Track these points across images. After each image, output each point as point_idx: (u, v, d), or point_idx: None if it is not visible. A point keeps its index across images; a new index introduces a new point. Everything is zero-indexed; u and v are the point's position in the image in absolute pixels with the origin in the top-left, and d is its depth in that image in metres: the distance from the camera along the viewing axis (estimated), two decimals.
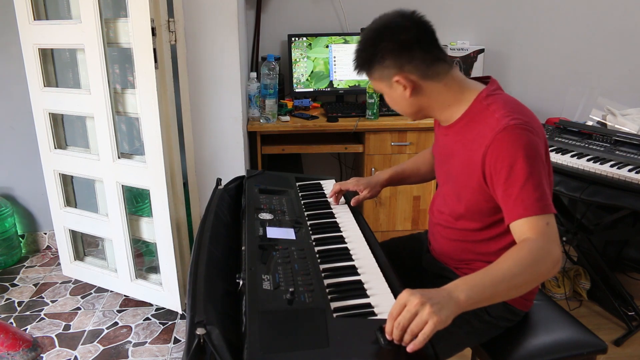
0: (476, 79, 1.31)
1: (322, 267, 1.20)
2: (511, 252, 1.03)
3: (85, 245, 2.71)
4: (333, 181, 1.74)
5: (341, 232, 1.41)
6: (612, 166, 2.00)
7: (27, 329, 2.25)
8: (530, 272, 1.00)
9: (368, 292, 1.12)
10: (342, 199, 1.64)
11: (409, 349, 0.89)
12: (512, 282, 0.99)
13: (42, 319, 2.33)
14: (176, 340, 2.18)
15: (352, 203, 1.60)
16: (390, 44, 1.19)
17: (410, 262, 1.55)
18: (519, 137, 1.11)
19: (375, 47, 1.21)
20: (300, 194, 1.64)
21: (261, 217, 1.39)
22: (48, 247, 2.99)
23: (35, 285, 2.61)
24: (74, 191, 2.56)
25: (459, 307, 0.93)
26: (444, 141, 1.33)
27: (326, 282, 1.14)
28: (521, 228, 1.08)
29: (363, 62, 1.25)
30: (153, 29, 1.96)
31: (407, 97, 1.24)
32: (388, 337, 0.92)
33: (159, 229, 2.22)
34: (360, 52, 1.25)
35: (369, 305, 1.07)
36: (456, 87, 1.24)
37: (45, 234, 2.97)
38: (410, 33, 1.19)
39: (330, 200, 1.62)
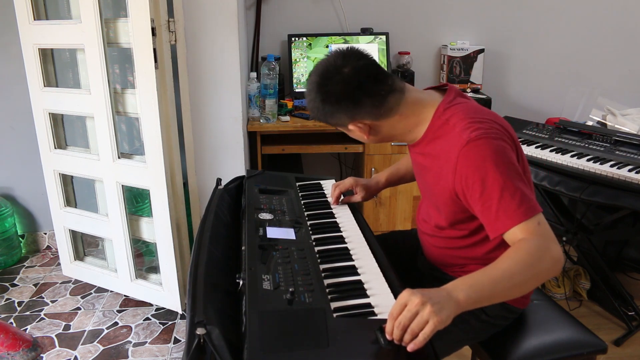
0: (434, 88, 1.30)
1: (322, 267, 1.20)
2: (509, 252, 1.03)
3: (85, 245, 2.71)
4: (333, 181, 1.73)
5: (341, 232, 1.41)
6: (612, 166, 2.00)
7: (27, 329, 2.25)
8: (529, 270, 1.00)
9: (368, 292, 1.12)
10: (341, 197, 1.64)
11: (409, 348, 0.90)
12: (511, 282, 0.99)
13: (42, 319, 2.33)
14: (176, 340, 2.18)
15: (341, 199, 1.61)
16: (335, 101, 1.18)
17: (408, 261, 1.55)
18: (483, 148, 1.09)
19: (323, 103, 1.20)
20: (300, 194, 1.64)
21: (261, 217, 1.39)
22: (48, 247, 2.99)
23: (35, 285, 2.61)
24: (74, 191, 2.55)
25: (459, 306, 0.93)
26: (415, 157, 1.34)
27: (326, 282, 1.14)
28: (513, 236, 1.07)
29: (317, 117, 1.24)
30: (153, 29, 1.96)
31: (366, 138, 1.26)
32: (388, 337, 0.92)
33: (159, 229, 2.22)
34: (311, 108, 1.24)
35: (369, 305, 1.07)
36: (412, 112, 1.23)
37: (45, 234, 2.97)
38: (352, 84, 1.16)
39: (331, 200, 1.62)
